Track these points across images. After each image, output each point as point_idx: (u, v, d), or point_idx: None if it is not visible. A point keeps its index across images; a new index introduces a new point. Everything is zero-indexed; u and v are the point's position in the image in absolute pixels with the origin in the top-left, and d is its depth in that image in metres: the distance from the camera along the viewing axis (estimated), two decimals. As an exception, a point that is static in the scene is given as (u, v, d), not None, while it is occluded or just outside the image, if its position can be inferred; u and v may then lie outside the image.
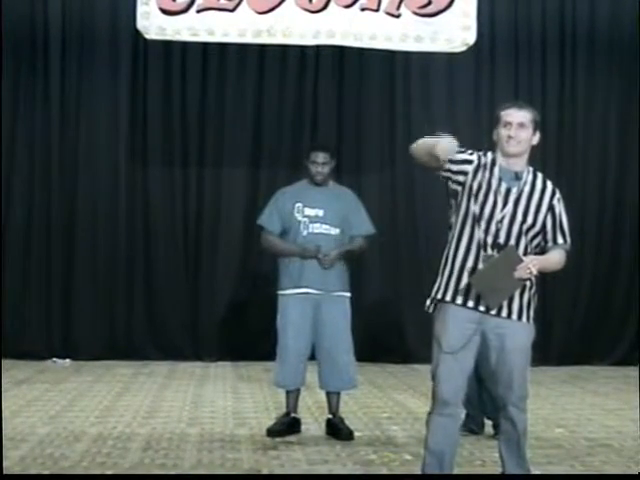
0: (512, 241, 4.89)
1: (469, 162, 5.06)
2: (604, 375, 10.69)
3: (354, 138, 11.58)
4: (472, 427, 6.99)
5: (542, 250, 5.01)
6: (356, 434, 7.00)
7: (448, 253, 5.04)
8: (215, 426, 7.35)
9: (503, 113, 5.18)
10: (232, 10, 10.10)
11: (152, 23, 10.16)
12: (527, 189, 5.01)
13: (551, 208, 5.01)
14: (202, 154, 11.55)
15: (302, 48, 11.05)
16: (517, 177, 5.04)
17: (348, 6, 10.19)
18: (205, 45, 11.01)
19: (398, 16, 10.17)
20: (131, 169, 11.48)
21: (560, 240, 5.02)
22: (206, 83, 11.52)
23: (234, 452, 6.43)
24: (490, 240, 4.90)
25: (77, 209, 11.39)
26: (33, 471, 5.74)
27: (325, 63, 11.51)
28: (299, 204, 6.99)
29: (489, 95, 11.65)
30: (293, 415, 7.06)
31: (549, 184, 5.08)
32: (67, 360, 11.07)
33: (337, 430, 6.94)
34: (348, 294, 7.12)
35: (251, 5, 10.08)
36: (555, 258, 5.01)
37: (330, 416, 7.07)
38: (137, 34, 10.43)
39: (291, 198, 7.05)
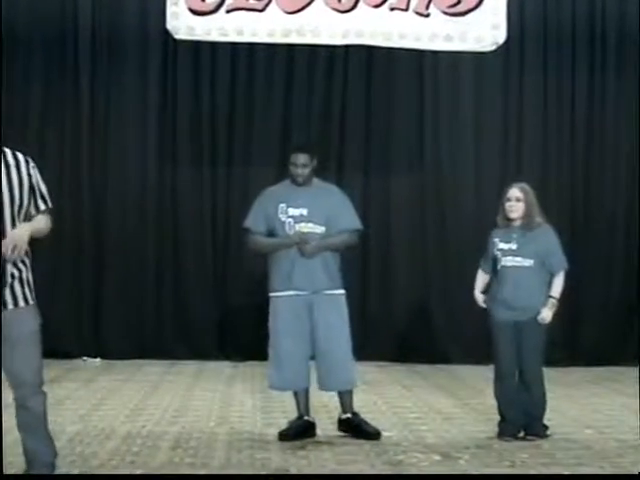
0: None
1: None
2: (633, 376, 10.59)
3: (382, 138, 11.55)
4: (513, 432, 6.93)
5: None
6: (385, 434, 6.99)
7: None
8: (244, 425, 7.36)
9: None
10: (261, 10, 10.12)
11: (181, 23, 10.20)
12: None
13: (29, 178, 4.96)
14: (231, 154, 11.58)
15: (331, 48, 11.04)
16: None
17: (377, 6, 10.18)
18: (234, 45, 11.04)
19: (427, 15, 10.15)
20: (160, 169, 11.52)
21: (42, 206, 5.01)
22: (235, 83, 11.54)
23: (263, 452, 6.43)
24: None
25: (107, 209, 11.44)
26: (63, 469, 5.76)
27: (354, 63, 11.49)
28: (283, 204, 6.90)
29: (518, 95, 11.60)
30: (306, 418, 6.97)
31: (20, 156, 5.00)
32: (97, 359, 11.12)
33: (360, 430, 6.85)
34: (341, 291, 6.98)
35: (280, 5, 10.09)
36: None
37: (346, 416, 6.96)
38: (166, 34, 10.47)
39: (274, 199, 6.97)
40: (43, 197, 5.04)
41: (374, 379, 9.83)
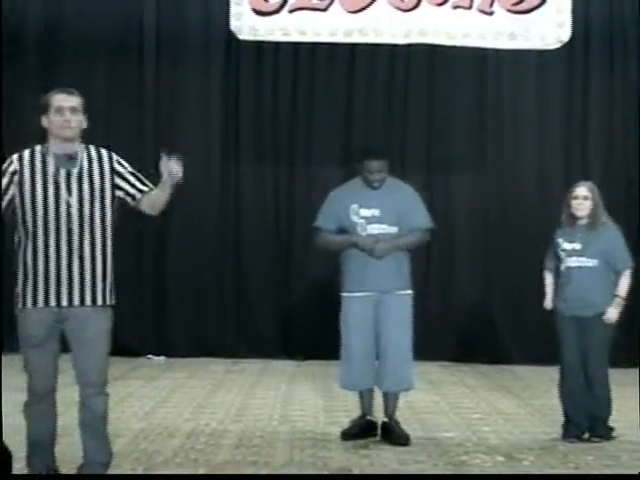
0: None
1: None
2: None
3: (444, 137, 11.51)
4: (577, 433, 6.88)
5: None
6: (447, 435, 6.97)
7: None
8: (306, 424, 7.38)
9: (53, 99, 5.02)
10: (324, 10, 10.15)
11: (245, 24, 10.27)
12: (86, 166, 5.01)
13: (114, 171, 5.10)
14: (293, 153, 11.61)
15: (392, 47, 11.03)
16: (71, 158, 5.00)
17: (440, 4, 10.15)
18: (296, 45, 11.07)
19: (491, 13, 10.12)
20: (223, 168, 11.59)
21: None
22: (297, 83, 11.57)
23: (325, 450, 6.44)
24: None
25: (169, 206, 11.50)
26: (127, 466, 5.83)
27: (415, 62, 11.45)
28: (354, 205, 6.86)
29: (582, 94, 11.49)
30: (369, 418, 6.95)
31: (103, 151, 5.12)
32: (162, 357, 11.21)
33: (391, 433, 6.79)
34: (409, 292, 6.95)
35: (343, 4, 10.11)
36: None
37: (385, 419, 6.91)
38: (230, 35, 10.52)
39: (346, 199, 6.93)
40: (141, 180, 5.25)
41: (436, 379, 9.80)
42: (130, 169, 5.19)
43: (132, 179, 5.16)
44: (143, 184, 5.21)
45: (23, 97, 10.92)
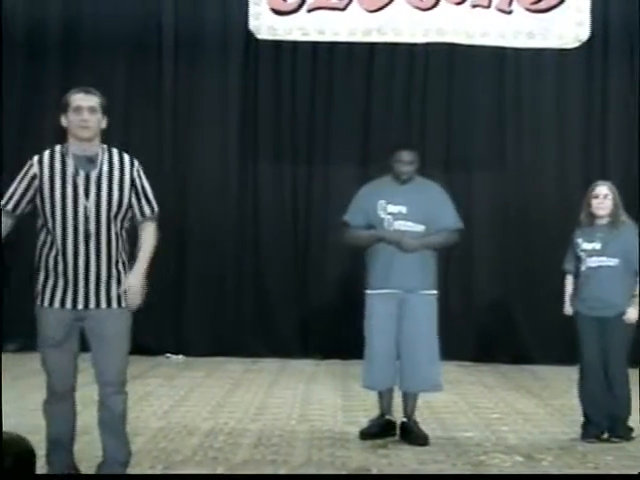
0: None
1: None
2: None
3: (463, 136, 11.49)
4: (596, 433, 6.86)
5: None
6: (466, 434, 6.96)
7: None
8: (325, 424, 7.38)
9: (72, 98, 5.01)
10: (343, 9, 10.15)
11: (263, 23, 10.28)
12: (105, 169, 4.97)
13: (133, 182, 5.02)
14: (311, 152, 11.62)
15: (411, 46, 11.02)
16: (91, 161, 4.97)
17: (459, 3, 10.14)
18: (314, 44, 11.07)
19: (510, 12, 10.09)
20: (241, 167, 11.60)
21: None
22: (315, 82, 11.58)
23: (343, 450, 6.44)
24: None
25: (188, 207, 11.56)
26: (146, 465, 5.85)
27: (434, 61, 11.44)
28: (382, 201, 6.83)
29: (601, 93, 11.45)
30: (387, 417, 6.93)
31: (125, 157, 5.06)
32: (180, 356, 11.23)
33: (409, 433, 6.77)
34: (434, 292, 6.91)
35: (362, 4, 10.10)
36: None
37: (404, 419, 6.89)
38: (248, 34, 10.52)
39: (374, 195, 6.91)
40: (149, 201, 5.12)
41: (455, 379, 9.78)
42: (144, 185, 5.10)
43: (142, 198, 5.08)
44: (149, 205, 5.12)
45: (44, 98, 10.98)
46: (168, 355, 11.24)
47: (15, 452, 3.13)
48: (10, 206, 4.99)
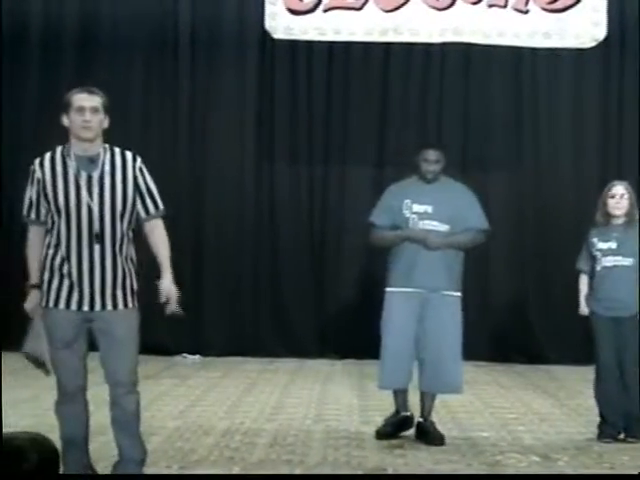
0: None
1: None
2: None
3: (480, 136, 11.47)
4: (612, 433, 6.84)
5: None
6: (482, 434, 6.95)
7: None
8: (340, 424, 7.38)
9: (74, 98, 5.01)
10: (359, 9, 10.15)
11: (279, 23, 10.30)
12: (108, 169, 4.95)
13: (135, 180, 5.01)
14: (327, 153, 11.62)
15: (427, 46, 11.01)
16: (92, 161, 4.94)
17: (475, 3, 10.13)
18: (330, 44, 11.07)
19: (526, 12, 10.08)
20: (258, 167, 11.61)
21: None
22: (331, 82, 11.57)
23: (359, 450, 6.44)
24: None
25: (205, 208, 11.58)
26: (163, 464, 5.86)
27: (450, 61, 11.42)
28: (408, 200, 6.80)
29: (617, 93, 11.41)
30: (403, 414, 6.90)
31: (128, 155, 5.03)
32: (197, 356, 11.25)
33: (426, 433, 6.74)
34: (458, 294, 6.86)
35: (378, 4, 10.10)
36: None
37: (421, 419, 6.86)
38: (265, 34, 10.52)
39: (400, 194, 6.90)
40: (153, 199, 5.09)
41: (471, 379, 9.74)
42: (147, 182, 5.08)
43: (145, 195, 5.05)
44: (153, 202, 5.09)
45: (60, 97, 10.98)
46: (185, 355, 11.26)
47: (39, 452, 3.14)
48: (33, 215, 4.99)
